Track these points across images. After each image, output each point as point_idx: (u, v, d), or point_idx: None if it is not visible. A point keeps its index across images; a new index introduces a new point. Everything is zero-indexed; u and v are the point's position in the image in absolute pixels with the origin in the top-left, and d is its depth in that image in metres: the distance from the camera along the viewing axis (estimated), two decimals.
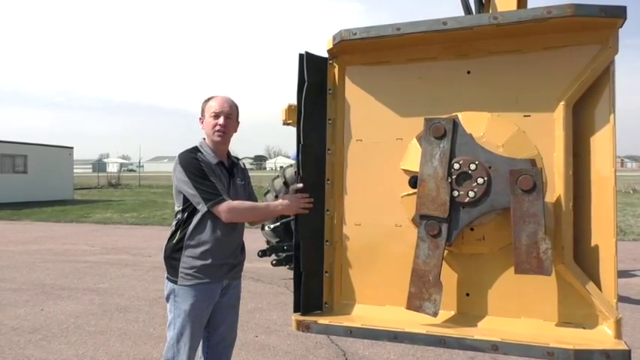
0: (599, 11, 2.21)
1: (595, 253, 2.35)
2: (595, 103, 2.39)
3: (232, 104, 2.89)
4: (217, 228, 2.76)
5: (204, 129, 2.86)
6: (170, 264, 2.82)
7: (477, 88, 2.55)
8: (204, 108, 2.88)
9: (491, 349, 2.26)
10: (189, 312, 2.78)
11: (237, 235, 2.91)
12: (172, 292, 2.81)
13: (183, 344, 2.81)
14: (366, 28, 2.53)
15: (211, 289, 2.85)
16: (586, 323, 2.33)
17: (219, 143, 2.84)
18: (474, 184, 2.34)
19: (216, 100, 2.86)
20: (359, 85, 2.76)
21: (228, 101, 2.88)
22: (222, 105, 2.84)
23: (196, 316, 2.81)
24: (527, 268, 2.23)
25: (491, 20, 2.37)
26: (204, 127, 2.86)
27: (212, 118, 2.81)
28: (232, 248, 2.89)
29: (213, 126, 2.80)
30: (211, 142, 2.85)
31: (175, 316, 2.82)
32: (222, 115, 2.81)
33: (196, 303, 2.78)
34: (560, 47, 2.42)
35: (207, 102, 2.88)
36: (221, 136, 2.81)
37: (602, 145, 2.37)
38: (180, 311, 2.79)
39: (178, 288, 2.78)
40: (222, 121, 2.79)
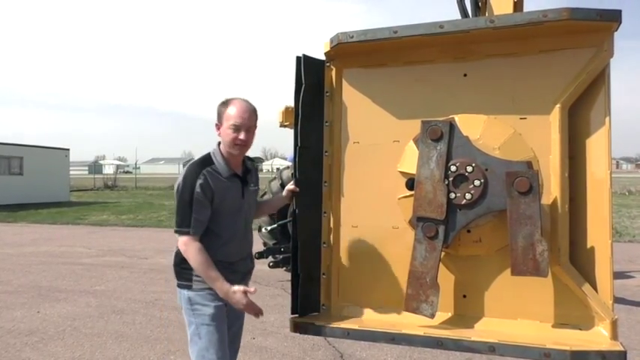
0: (595, 15, 2.23)
1: (591, 255, 2.37)
2: (590, 106, 2.41)
3: (253, 113, 2.58)
4: (229, 234, 2.57)
5: (220, 136, 2.59)
6: (181, 271, 2.58)
7: (474, 90, 2.56)
8: (221, 114, 2.56)
9: (488, 351, 2.28)
10: (213, 315, 2.50)
11: (247, 243, 2.74)
12: (188, 300, 2.55)
13: (215, 353, 2.49)
14: (363, 31, 2.54)
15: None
16: (582, 324, 2.35)
17: (237, 155, 2.61)
18: (471, 186, 2.35)
19: (236, 108, 2.53)
20: (356, 88, 2.77)
21: (248, 110, 2.55)
22: (242, 117, 2.52)
23: (221, 319, 2.54)
24: (524, 269, 2.25)
25: (487, 23, 2.39)
26: (220, 135, 2.58)
27: (231, 131, 2.51)
28: (243, 255, 2.69)
29: (232, 140, 2.52)
30: (227, 152, 2.58)
31: (198, 324, 2.51)
32: (242, 130, 2.52)
33: (218, 305, 2.52)
34: (556, 50, 2.44)
35: (225, 107, 2.56)
36: (240, 150, 2.58)
37: (598, 147, 2.39)
38: (203, 317, 2.51)
39: (194, 294, 2.53)
40: (243, 136, 2.52)
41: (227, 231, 2.57)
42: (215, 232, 2.53)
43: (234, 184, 2.59)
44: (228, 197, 2.55)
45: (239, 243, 2.64)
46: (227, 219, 2.56)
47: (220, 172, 2.54)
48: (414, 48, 2.61)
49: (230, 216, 2.57)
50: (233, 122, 2.51)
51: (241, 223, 2.64)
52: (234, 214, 2.59)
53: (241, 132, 2.52)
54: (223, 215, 2.55)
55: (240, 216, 2.62)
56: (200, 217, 2.46)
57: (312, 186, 2.75)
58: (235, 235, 2.60)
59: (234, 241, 2.60)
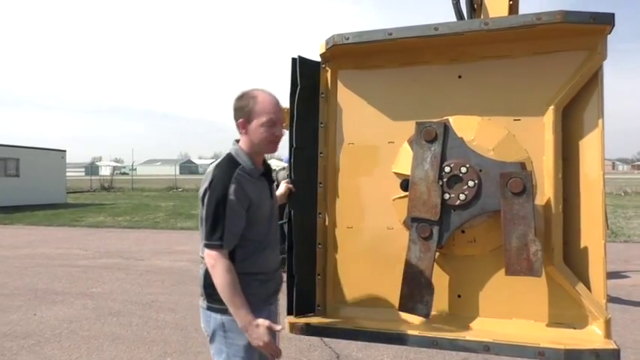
0: (589, 18, 2.25)
1: (584, 255, 2.39)
2: (584, 108, 2.43)
3: (282, 108, 2.37)
4: (267, 240, 2.31)
5: (247, 134, 2.27)
6: (214, 292, 2.18)
7: (468, 92, 2.58)
8: (249, 110, 2.24)
9: (483, 350, 2.29)
10: (249, 347, 2.18)
11: (278, 251, 2.46)
12: (221, 325, 2.21)
13: None
14: (358, 33, 2.56)
15: (267, 316, 2.25)
16: (576, 323, 2.36)
17: (268, 153, 2.40)
18: (465, 187, 2.37)
19: (267, 100, 2.26)
20: (351, 89, 2.79)
21: (278, 102, 2.32)
22: (277, 110, 2.28)
23: (256, 352, 2.22)
24: (518, 269, 2.26)
25: (481, 26, 2.40)
26: (248, 133, 2.26)
27: (267, 127, 2.24)
28: (278, 262, 2.46)
29: (268, 137, 2.26)
30: (256, 151, 2.30)
31: (231, 355, 2.22)
32: (278, 124, 2.28)
33: None
34: (550, 53, 2.46)
35: (251, 101, 2.24)
36: (275, 148, 2.34)
37: (591, 148, 2.41)
38: (237, 348, 2.21)
39: (230, 320, 2.17)
40: (279, 131, 2.29)
41: (265, 237, 2.29)
42: (253, 241, 2.23)
43: (264, 185, 2.33)
44: (262, 200, 2.27)
45: (275, 249, 2.39)
46: (263, 224, 2.29)
47: (250, 173, 2.24)
48: (409, 50, 2.63)
49: (266, 220, 2.30)
50: (268, 117, 2.23)
51: (274, 226, 2.41)
52: (269, 218, 2.33)
53: (277, 127, 2.27)
54: (260, 220, 2.26)
55: (273, 219, 2.38)
56: (233, 229, 2.14)
57: (307, 187, 2.76)
58: (272, 241, 2.34)
59: (271, 247, 2.33)
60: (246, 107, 2.25)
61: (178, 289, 7.01)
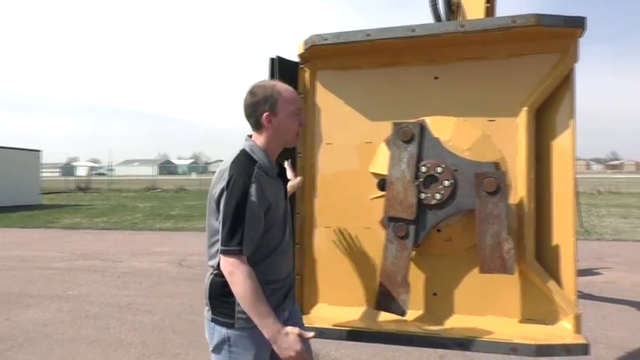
0: (561, 21, 2.31)
1: (556, 253, 2.45)
2: (556, 109, 2.49)
3: None
4: (283, 245, 2.11)
5: (273, 129, 2.04)
6: (221, 304, 2.03)
7: (444, 93, 2.63)
8: (276, 100, 2.02)
9: (457, 347, 2.34)
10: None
11: (291, 254, 2.22)
12: (226, 340, 2.04)
13: None
14: (336, 34, 2.58)
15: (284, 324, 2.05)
16: (548, 319, 2.43)
17: (290, 145, 2.18)
18: (441, 187, 2.41)
19: (289, 89, 2.09)
20: (330, 90, 2.81)
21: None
22: (298, 99, 2.12)
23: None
24: (492, 267, 2.31)
25: (458, 28, 2.45)
26: (275, 127, 2.04)
27: (295, 117, 2.07)
28: (289, 270, 2.20)
29: (296, 127, 2.10)
30: (274, 146, 2.08)
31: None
32: (301, 112, 2.13)
33: (261, 351, 2.02)
34: (524, 55, 2.52)
35: (276, 91, 2.04)
36: (297, 140, 2.17)
37: (563, 149, 2.48)
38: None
39: (235, 334, 2.01)
40: (304, 120, 2.15)
41: (279, 242, 2.09)
42: (266, 246, 2.03)
43: (279, 185, 2.12)
44: (278, 202, 2.06)
45: (288, 253, 2.17)
46: (278, 228, 2.08)
47: (267, 171, 2.02)
48: (387, 51, 2.66)
49: (280, 223, 2.10)
50: (296, 106, 2.07)
51: (289, 230, 2.17)
52: (283, 221, 2.12)
53: (301, 116, 2.13)
54: (275, 224, 2.06)
55: (287, 222, 2.16)
56: (253, 234, 1.94)
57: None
58: (286, 246, 2.15)
59: (284, 252, 2.13)
60: (270, 99, 2.02)
61: (156, 291, 6.94)
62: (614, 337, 4.77)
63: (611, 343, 4.61)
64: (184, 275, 7.90)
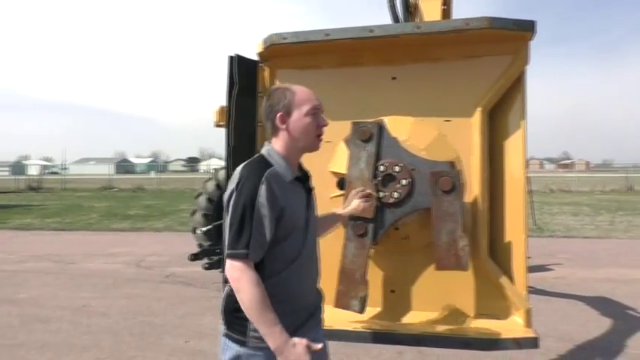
0: (512, 25, 2.39)
1: (508, 249, 2.53)
2: (508, 110, 2.57)
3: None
4: (290, 261, 1.90)
5: (288, 130, 1.94)
6: (234, 320, 1.90)
7: (402, 93, 2.67)
8: (290, 100, 1.95)
9: (414, 342, 2.38)
10: None
11: (317, 271, 2.06)
12: (237, 358, 1.90)
13: None
14: (295, 33, 2.58)
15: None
16: (500, 314, 2.50)
17: (311, 150, 2.03)
18: (399, 186, 2.45)
19: (305, 90, 2.00)
20: None
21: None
22: (317, 98, 2.00)
23: None
24: (447, 264, 2.37)
25: (414, 29, 2.50)
26: (288, 128, 1.94)
27: (312, 117, 1.95)
28: (310, 287, 2.03)
29: (314, 128, 1.96)
30: (293, 149, 1.97)
31: None
32: (323, 112, 2.01)
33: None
34: (478, 57, 2.59)
35: (290, 92, 1.97)
36: (319, 143, 2.02)
37: (515, 148, 2.56)
38: None
39: (248, 353, 1.87)
40: (325, 121, 2.00)
41: (298, 256, 1.92)
42: (282, 257, 1.88)
43: (298, 191, 1.97)
44: (294, 208, 1.91)
45: (310, 270, 2.00)
46: (296, 238, 1.92)
47: (282, 175, 1.90)
48: (346, 51, 2.68)
49: (299, 233, 1.93)
50: (312, 105, 1.95)
51: (311, 244, 2.00)
52: (303, 231, 1.95)
53: (322, 116, 2.00)
54: (291, 232, 1.90)
55: (309, 234, 1.98)
56: (260, 238, 1.80)
57: None
58: (307, 260, 1.97)
59: (304, 267, 1.95)
60: (283, 100, 1.94)
61: (112, 293, 6.77)
62: (563, 331, 4.96)
63: (560, 336, 4.79)
64: (142, 276, 7.73)
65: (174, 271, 8.00)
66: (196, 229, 7.22)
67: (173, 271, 8.01)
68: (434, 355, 4.20)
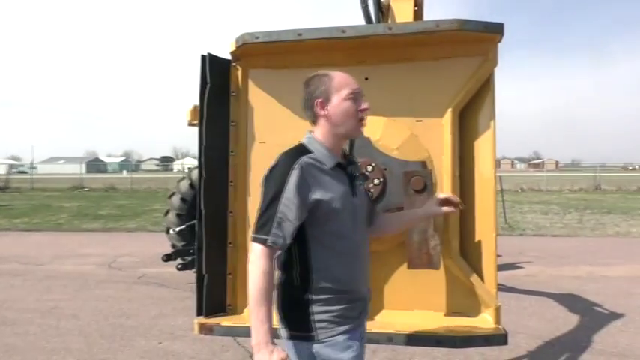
0: (482, 27, 2.43)
1: (478, 248, 2.58)
2: (478, 111, 2.62)
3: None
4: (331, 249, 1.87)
5: (329, 117, 1.91)
6: (294, 315, 1.86)
7: (375, 93, 2.68)
8: (328, 86, 1.92)
9: (387, 341, 2.40)
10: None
11: (366, 263, 2.03)
12: (312, 356, 1.82)
13: None
14: (268, 33, 2.58)
15: (359, 337, 1.92)
16: (470, 312, 2.55)
17: (354, 135, 2.01)
18: (371, 185, 2.47)
19: (344, 75, 1.98)
20: (262, 88, 2.80)
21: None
22: (357, 82, 1.98)
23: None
24: (419, 263, 2.40)
25: (386, 30, 2.52)
26: (330, 115, 1.91)
27: (351, 101, 1.91)
28: (361, 279, 1.99)
29: (355, 112, 1.91)
30: (335, 136, 1.93)
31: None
32: (363, 96, 1.97)
33: (358, 353, 1.85)
34: (449, 58, 2.62)
35: (328, 78, 1.95)
36: (362, 128, 1.98)
37: (485, 148, 2.60)
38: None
39: (322, 346, 1.81)
40: (367, 104, 1.95)
41: (344, 244, 1.87)
42: (326, 246, 1.85)
43: (341, 178, 1.91)
44: (334, 195, 1.84)
45: (355, 259, 1.93)
46: (338, 225, 1.86)
47: (323, 161, 1.87)
48: (318, 51, 2.68)
49: (342, 221, 1.86)
50: (352, 89, 1.92)
51: (358, 232, 1.94)
52: (348, 219, 1.88)
53: (363, 99, 1.96)
54: (333, 220, 1.84)
55: (355, 222, 1.92)
56: (285, 225, 1.77)
57: (218, 186, 2.74)
58: (350, 249, 1.90)
59: (346, 255, 1.88)
60: (321, 86, 1.92)
61: (83, 294, 6.64)
62: (532, 327, 5.08)
63: (529, 332, 4.90)
64: (113, 277, 7.61)
65: (146, 272, 7.90)
66: (170, 229, 7.16)
67: (145, 272, 7.90)
68: (407, 353, 4.25)
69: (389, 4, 3.61)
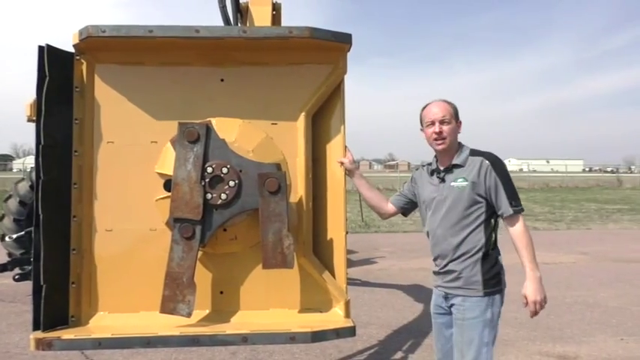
0: (331, 36, 2.55)
1: (330, 246, 2.71)
2: (330, 116, 2.75)
3: (446, 107, 2.64)
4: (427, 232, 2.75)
5: (426, 139, 2.71)
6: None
7: (230, 95, 2.69)
8: (421, 118, 2.73)
9: (241, 342, 2.41)
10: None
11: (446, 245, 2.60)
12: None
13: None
14: (116, 27, 2.44)
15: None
16: (323, 307, 2.67)
17: (442, 151, 2.65)
18: (226, 187, 2.46)
19: (428, 107, 2.68)
20: (110, 85, 2.65)
21: (441, 105, 2.65)
22: (435, 112, 2.63)
23: None
24: (273, 263, 2.45)
25: (240, 33, 2.54)
26: (426, 138, 2.72)
27: (428, 128, 2.66)
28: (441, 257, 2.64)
29: (430, 135, 2.64)
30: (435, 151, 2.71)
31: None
32: (437, 122, 2.61)
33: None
34: (302, 64, 2.72)
35: (422, 111, 2.73)
36: (440, 144, 2.61)
37: (336, 151, 2.75)
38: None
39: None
40: (437, 128, 2.60)
41: (426, 224, 2.72)
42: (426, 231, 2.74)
43: (433, 180, 2.69)
44: (421, 189, 2.75)
45: (434, 245, 2.67)
46: (421, 211, 2.77)
47: (426, 168, 2.78)
48: (171, 49, 2.61)
49: (422, 209, 2.76)
50: (426, 120, 2.66)
51: (433, 221, 2.65)
52: (425, 209, 2.72)
53: (435, 125, 2.61)
54: (419, 204, 2.79)
55: (430, 212, 2.66)
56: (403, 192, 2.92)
57: (58, 188, 2.53)
58: (430, 229, 2.67)
59: (431, 241, 2.68)
60: (420, 117, 2.73)
61: None
62: (383, 318, 5.44)
63: (380, 323, 5.25)
64: None
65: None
66: (5, 236, 6.39)
67: None
68: (266, 352, 4.30)
69: (247, 7, 3.63)
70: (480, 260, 2.51)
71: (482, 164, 2.54)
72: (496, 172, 2.52)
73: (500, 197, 2.51)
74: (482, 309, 2.50)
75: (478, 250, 2.51)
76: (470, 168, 2.55)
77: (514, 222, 2.51)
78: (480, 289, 2.50)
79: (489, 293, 2.51)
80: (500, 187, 2.51)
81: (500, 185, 2.51)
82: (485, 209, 2.53)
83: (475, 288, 2.50)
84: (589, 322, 5.43)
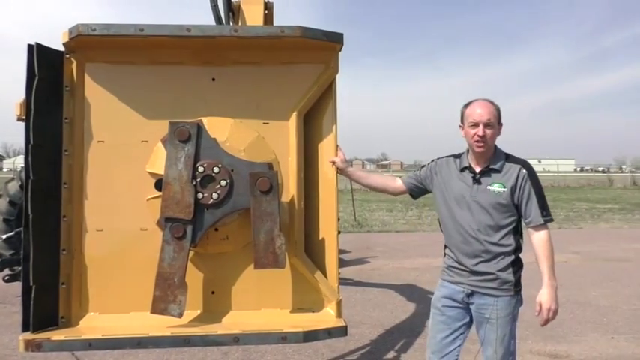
0: (322, 35, 2.55)
1: (321, 246, 2.71)
2: (321, 115, 2.75)
3: (491, 110, 2.61)
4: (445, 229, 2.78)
5: (464, 137, 2.68)
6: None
7: (222, 94, 2.68)
8: (463, 115, 2.68)
9: (233, 342, 2.41)
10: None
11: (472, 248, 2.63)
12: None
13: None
14: (106, 25, 2.42)
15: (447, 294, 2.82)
16: (315, 307, 2.67)
17: (480, 153, 2.63)
18: (218, 187, 2.46)
19: (473, 107, 2.64)
20: (101, 84, 2.63)
21: (486, 107, 2.61)
22: (480, 114, 2.59)
23: None
24: (265, 262, 2.44)
25: (232, 32, 2.53)
26: (464, 136, 2.68)
27: (471, 128, 2.61)
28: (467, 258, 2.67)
29: (472, 136, 2.60)
30: (470, 149, 2.68)
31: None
32: (481, 124, 2.57)
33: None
34: (294, 63, 2.71)
35: (465, 108, 2.68)
36: (480, 147, 2.59)
37: (328, 151, 2.74)
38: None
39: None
40: (480, 131, 2.57)
41: (446, 220, 2.72)
42: (443, 217, 2.74)
43: (464, 177, 2.68)
44: (447, 185, 2.72)
45: (461, 242, 2.65)
46: (445, 206, 2.71)
47: (455, 162, 2.74)
48: (162, 48, 2.60)
49: (443, 204, 2.72)
50: (471, 120, 2.60)
51: (456, 213, 2.66)
52: (449, 205, 2.69)
53: (479, 127, 2.57)
54: (444, 202, 2.71)
55: (463, 212, 2.63)
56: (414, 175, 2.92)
57: (48, 188, 2.51)
58: (449, 223, 2.70)
59: (452, 238, 2.69)
60: (462, 113, 2.70)
61: None
62: (375, 317, 5.45)
63: (372, 322, 5.25)
64: None
65: None
66: None
67: None
68: (259, 352, 4.29)
69: (239, 6, 3.62)
70: (511, 262, 2.60)
71: (520, 173, 2.60)
72: (531, 181, 2.60)
73: (532, 206, 2.59)
74: (512, 307, 2.63)
75: (510, 253, 2.61)
76: (508, 175, 2.61)
77: (541, 231, 2.58)
78: (511, 289, 2.61)
79: (518, 292, 2.65)
80: (533, 196, 2.59)
81: (533, 195, 2.59)
82: (517, 215, 2.62)
83: (508, 288, 2.60)
84: (580, 320, 5.47)
